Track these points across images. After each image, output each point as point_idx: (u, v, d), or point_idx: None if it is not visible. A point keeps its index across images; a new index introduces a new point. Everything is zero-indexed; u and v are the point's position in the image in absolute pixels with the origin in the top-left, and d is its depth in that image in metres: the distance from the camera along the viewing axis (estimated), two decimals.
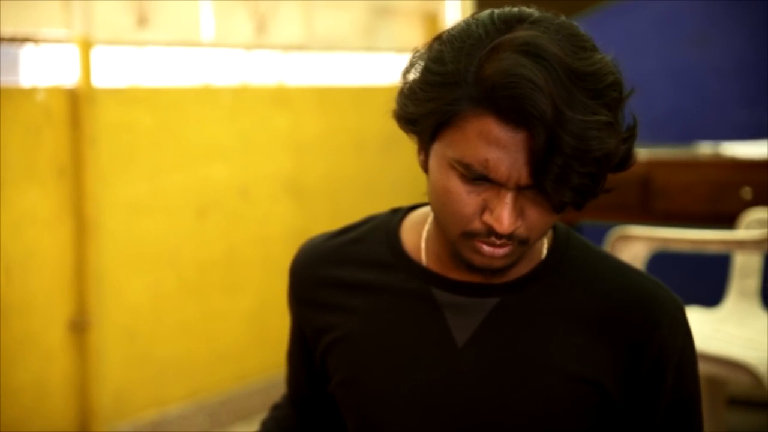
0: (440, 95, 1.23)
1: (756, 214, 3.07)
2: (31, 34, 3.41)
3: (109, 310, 3.57)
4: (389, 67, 4.66)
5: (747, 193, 3.48)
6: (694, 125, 4.39)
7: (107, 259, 3.55)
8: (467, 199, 1.25)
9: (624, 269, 1.41)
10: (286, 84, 4.28)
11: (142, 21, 3.73)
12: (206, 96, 3.95)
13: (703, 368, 2.64)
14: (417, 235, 1.43)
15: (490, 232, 1.25)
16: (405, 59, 1.33)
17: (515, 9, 1.26)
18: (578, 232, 1.46)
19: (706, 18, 4.45)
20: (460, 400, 1.36)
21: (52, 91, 3.41)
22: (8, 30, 3.32)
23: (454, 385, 1.37)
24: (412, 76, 1.29)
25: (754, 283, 3.07)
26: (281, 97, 4.20)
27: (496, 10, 1.27)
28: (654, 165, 3.66)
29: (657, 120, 4.43)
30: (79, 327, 3.49)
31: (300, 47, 4.37)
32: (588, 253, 1.41)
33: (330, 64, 4.60)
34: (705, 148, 3.89)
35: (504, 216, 1.23)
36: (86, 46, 3.46)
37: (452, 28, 1.28)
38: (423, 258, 1.41)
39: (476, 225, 1.26)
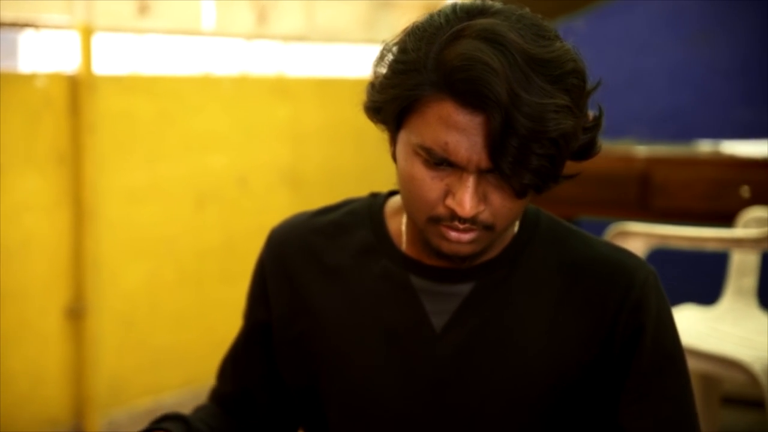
0: (402, 82, 1.26)
1: (754, 212, 3.07)
2: (32, 19, 3.40)
3: (106, 297, 3.57)
4: None
5: (746, 191, 3.48)
6: (694, 123, 4.39)
7: (105, 247, 3.55)
8: (431, 184, 1.27)
9: (593, 241, 1.43)
10: (286, 74, 4.28)
11: (143, 9, 3.73)
12: (206, 85, 3.95)
13: (698, 366, 2.65)
14: (398, 222, 1.44)
15: (454, 217, 1.27)
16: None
17: (479, 1, 1.29)
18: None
19: (706, 16, 4.45)
20: (441, 385, 1.38)
21: (53, 78, 3.41)
22: (9, 15, 3.32)
23: (435, 370, 1.38)
24: (381, 69, 1.32)
25: (751, 281, 3.07)
26: (281, 88, 4.20)
27: (459, 2, 1.30)
28: (653, 162, 3.67)
29: (657, 117, 4.43)
30: (76, 314, 3.50)
31: (300, 38, 4.37)
32: (557, 229, 1.43)
33: (330, 55, 4.59)
34: (704, 146, 3.89)
35: (465, 199, 1.25)
36: (87, 32, 3.46)
37: (417, 20, 1.31)
38: (403, 244, 1.42)
39: (440, 210, 1.28)
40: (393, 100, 1.28)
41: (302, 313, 1.46)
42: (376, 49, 1.34)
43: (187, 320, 3.87)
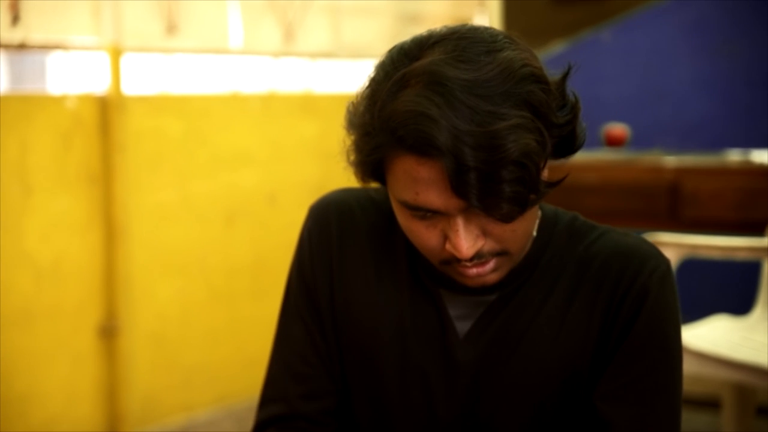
0: (363, 145, 1.27)
1: None
2: (60, 41, 3.43)
3: (137, 315, 3.59)
4: None
5: None
6: (723, 133, 4.38)
7: (136, 265, 3.57)
8: (427, 233, 1.27)
9: (609, 231, 1.41)
10: (313, 91, 4.29)
11: (171, 28, 3.75)
12: (234, 103, 3.97)
13: (732, 376, 2.63)
14: None
15: (460, 258, 1.26)
16: None
17: (418, 37, 1.28)
18: None
19: (734, 25, 4.44)
20: (464, 390, 1.38)
21: (82, 99, 3.44)
22: (38, 38, 3.35)
23: (458, 374, 1.38)
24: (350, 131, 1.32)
25: None
26: (309, 105, 4.22)
27: (400, 44, 1.29)
28: (683, 172, 3.65)
29: (685, 128, 4.41)
30: (108, 332, 3.51)
31: (327, 55, 4.38)
32: (576, 226, 1.42)
33: (357, 71, 4.61)
34: (734, 156, 3.87)
35: (460, 243, 1.25)
36: (116, 53, 3.49)
37: (377, 66, 1.29)
38: None
39: (446, 254, 1.28)
40: (362, 164, 1.29)
41: (341, 300, 1.46)
42: None
43: (219, 337, 3.88)
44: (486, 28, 1.27)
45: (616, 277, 1.36)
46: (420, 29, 5.23)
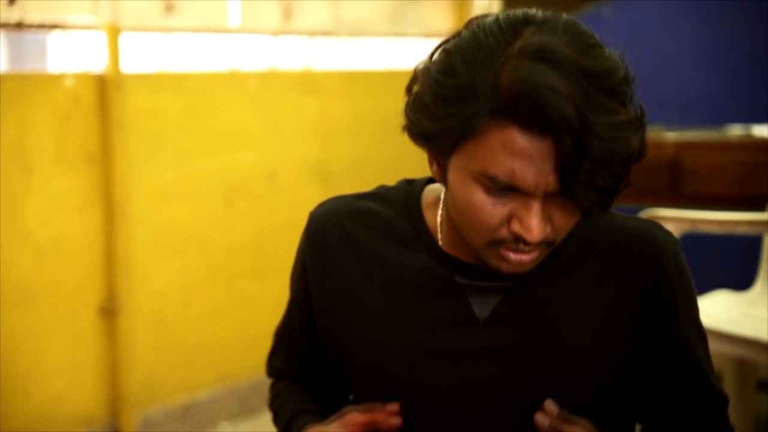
0: (457, 110, 1.21)
1: None
2: (59, 21, 3.42)
3: (138, 295, 3.59)
4: (417, 52, 4.64)
5: None
6: (724, 108, 4.36)
7: (136, 245, 3.57)
8: (493, 210, 1.24)
9: (620, 218, 1.43)
10: (313, 69, 4.28)
11: (170, 7, 3.74)
12: (233, 81, 3.96)
13: (732, 351, 2.63)
14: (433, 216, 1.42)
15: (518, 239, 1.25)
16: (432, 44, 1.31)
17: (519, 12, 1.24)
18: None
19: (734, 0, 4.42)
20: (485, 373, 1.37)
21: (81, 78, 3.43)
22: (36, 17, 3.34)
23: (479, 359, 1.38)
24: (419, 89, 1.27)
25: None
26: (308, 83, 4.20)
27: (501, 15, 1.24)
28: (683, 147, 3.65)
29: (687, 103, 4.40)
30: (109, 312, 3.52)
31: (327, 32, 4.37)
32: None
33: (357, 49, 4.59)
34: (735, 131, 3.86)
35: (533, 225, 1.22)
36: (114, 32, 3.47)
37: (458, 38, 1.25)
38: (439, 239, 1.40)
39: (503, 233, 1.25)
40: (448, 129, 1.22)
41: (342, 301, 1.44)
42: (403, 43, 1.30)
43: (219, 316, 3.88)
44: (579, 22, 1.26)
45: (642, 268, 1.38)
46: (419, 7, 5.17)
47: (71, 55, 3.54)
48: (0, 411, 3.24)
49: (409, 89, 1.30)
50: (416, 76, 1.28)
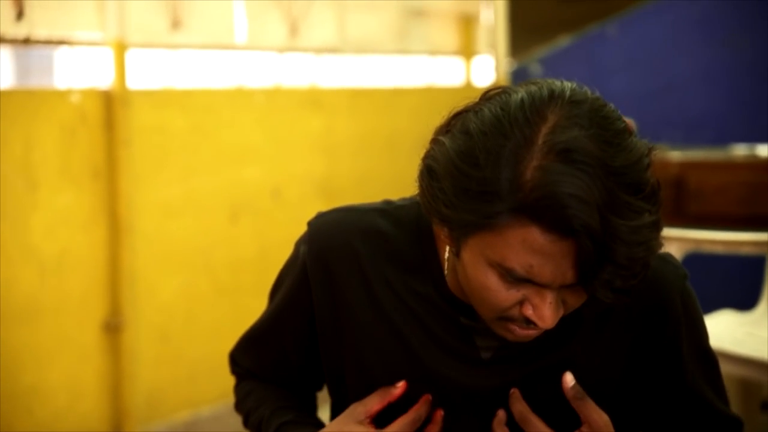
0: (478, 206, 1.16)
1: None
2: (66, 36, 3.43)
3: (142, 311, 3.59)
4: (422, 70, 4.66)
5: None
6: (729, 127, 4.37)
7: (141, 261, 3.57)
8: (506, 294, 1.21)
9: None
10: (318, 86, 4.29)
11: (176, 24, 3.75)
12: (239, 98, 3.97)
13: (736, 371, 2.63)
14: (442, 248, 1.38)
15: (529, 321, 1.23)
16: (438, 62, 1.29)
17: (544, 89, 1.20)
18: None
19: (740, 19, 4.43)
20: (486, 410, 1.36)
21: (87, 94, 3.44)
22: (43, 33, 3.35)
23: (480, 395, 1.37)
24: (435, 166, 1.21)
25: None
26: (314, 99, 4.21)
27: (525, 94, 1.19)
28: (688, 166, 3.64)
29: (691, 122, 4.41)
30: (113, 328, 3.52)
31: (332, 50, 4.38)
32: None
33: (362, 66, 4.61)
34: (739, 150, 3.86)
35: (546, 315, 1.21)
36: (120, 48, 3.49)
37: (479, 117, 1.20)
38: (446, 273, 1.37)
39: (514, 313, 1.23)
40: (468, 223, 1.18)
41: (345, 320, 1.42)
42: (408, 60, 1.27)
43: (223, 332, 3.87)
44: (604, 101, 1.21)
45: (648, 308, 1.37)
46: (425, 24, 5.18)
47: (78, 70, 3.55)
48: (3, 427, 3.24)
49: (425, 159, 1.24)
50: (432, 151, 1.23)
